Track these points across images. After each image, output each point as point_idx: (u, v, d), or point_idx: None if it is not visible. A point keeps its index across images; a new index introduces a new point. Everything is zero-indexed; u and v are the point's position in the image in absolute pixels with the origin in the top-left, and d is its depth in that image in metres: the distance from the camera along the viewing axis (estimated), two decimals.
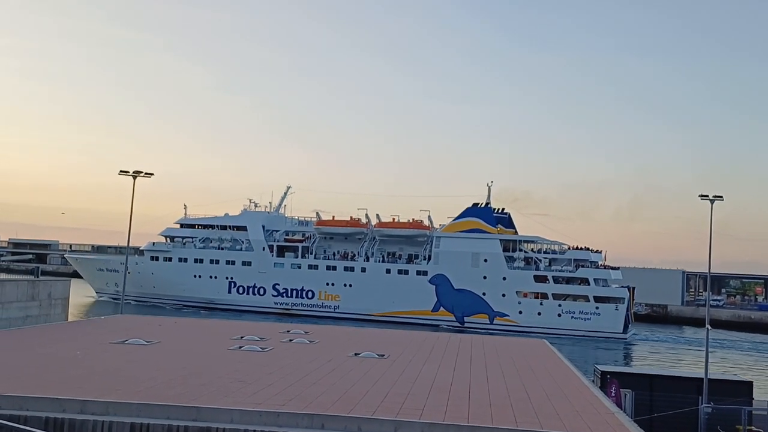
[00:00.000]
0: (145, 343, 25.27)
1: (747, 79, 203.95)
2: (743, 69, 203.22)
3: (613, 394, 25.77)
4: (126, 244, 51.60)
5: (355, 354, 25.12)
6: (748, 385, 29.45)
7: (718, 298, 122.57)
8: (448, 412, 15.92)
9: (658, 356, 70.23)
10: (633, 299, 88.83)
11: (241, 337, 28.16)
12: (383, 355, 25.12)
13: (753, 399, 28.50)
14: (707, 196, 37.23)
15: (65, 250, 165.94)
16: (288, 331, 32.05)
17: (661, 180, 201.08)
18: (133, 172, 45.05)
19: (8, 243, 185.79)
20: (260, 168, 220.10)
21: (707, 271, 38.27)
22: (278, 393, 16.96)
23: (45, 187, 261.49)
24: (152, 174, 45.79)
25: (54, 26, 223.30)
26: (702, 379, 29.26)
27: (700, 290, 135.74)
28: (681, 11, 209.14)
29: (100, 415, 14.64)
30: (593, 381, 28.12)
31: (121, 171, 45.20)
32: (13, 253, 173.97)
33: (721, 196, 37.27)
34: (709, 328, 35.60)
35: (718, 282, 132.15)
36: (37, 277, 33.89)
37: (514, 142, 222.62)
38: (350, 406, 15.74)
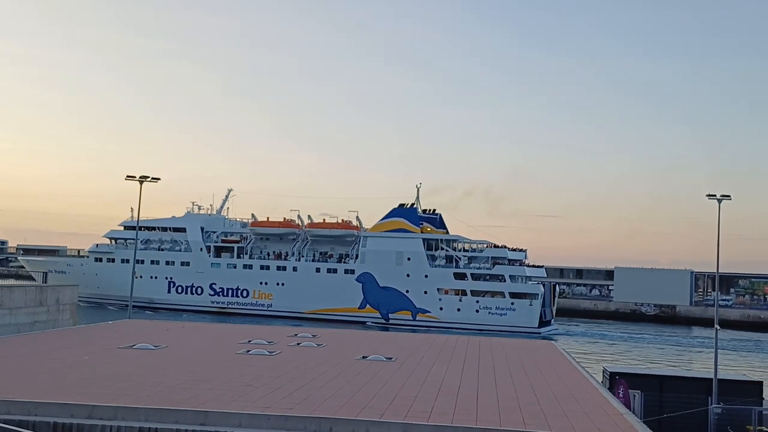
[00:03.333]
0: (153, 347, 25.33)
1: (761, 79, 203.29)
2: (757, 69, 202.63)
3: (621, 395, 25.66)
4: (134, 250, 51.85)
5: (363, 357, 25.12)
6: (758, 385, 29.23)
7: (727, 298, 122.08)
8: (457, 414, 15.90)
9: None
10: (554, 296, 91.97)
11: (249, 341, 28.22)
12: (391, 358, 25.11)
13: (763, 399, 28.32)
14: (714, 195, 37.00)
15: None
16: (295, 335, 32.10)
17: (672, 181, 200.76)
18: (140, 177, 45.08)
19: (17, 249, 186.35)
20: (271, 173, 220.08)
21: (716, 271, 38.07)
22: (286, 397, 16.97)
23: (54, 194, 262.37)
24: (158, 179, 45.82)
25: (65, 34, 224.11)
26: (711, 379, 29.11)
27: (709, 290, 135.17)
28: (694, 11, 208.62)
29: (108, 419, 14.67)
30: (602, 382, 28.01)
31: (127, 176, 45.27)
32: None
33: (729, 196, 36.96)
34: (718, 328, 35.39)
35: (727, 282, 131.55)
36: (45, 282, 33.95)
37: (525, 144, 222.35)
38: (358, 410, 15.73)
